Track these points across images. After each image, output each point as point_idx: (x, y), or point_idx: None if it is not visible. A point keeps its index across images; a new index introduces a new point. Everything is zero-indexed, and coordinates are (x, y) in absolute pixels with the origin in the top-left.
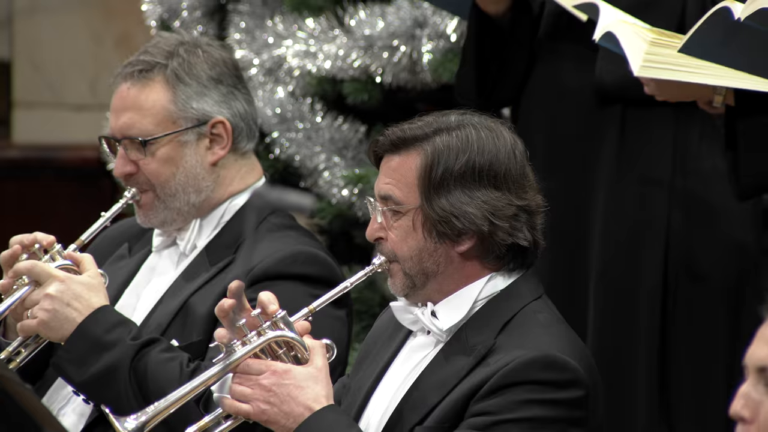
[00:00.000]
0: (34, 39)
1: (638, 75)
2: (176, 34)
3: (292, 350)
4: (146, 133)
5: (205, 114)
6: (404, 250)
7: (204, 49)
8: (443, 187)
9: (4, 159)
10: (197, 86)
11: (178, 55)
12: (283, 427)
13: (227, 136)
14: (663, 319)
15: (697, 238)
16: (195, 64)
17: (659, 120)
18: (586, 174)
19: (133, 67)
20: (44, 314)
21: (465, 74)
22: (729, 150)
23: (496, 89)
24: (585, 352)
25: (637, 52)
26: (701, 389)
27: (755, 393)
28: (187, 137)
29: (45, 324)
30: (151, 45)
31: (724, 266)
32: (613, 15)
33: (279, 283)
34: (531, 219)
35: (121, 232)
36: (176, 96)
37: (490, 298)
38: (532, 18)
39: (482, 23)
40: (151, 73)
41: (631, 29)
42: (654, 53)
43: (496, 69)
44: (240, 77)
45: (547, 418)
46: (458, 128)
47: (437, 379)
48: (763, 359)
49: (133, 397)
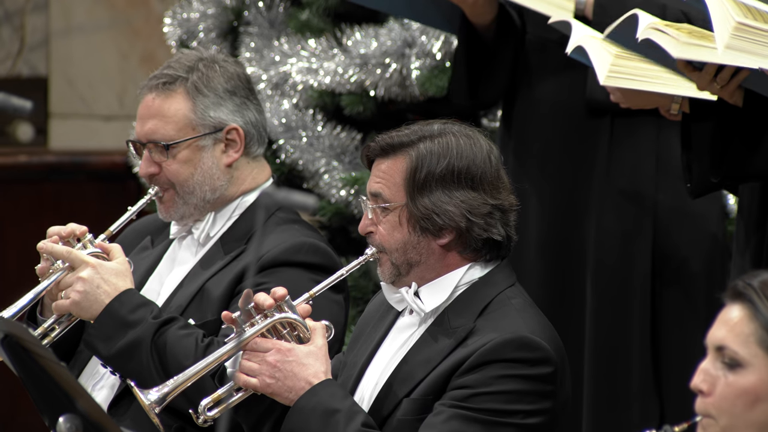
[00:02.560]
0: (68, 57)
1: (604, 84)
2: (196, 51)
3: (295, 330)
4: (169, 138)
5: (221, 122)
6: (391, 242)
7: (220, 64)
8: (426, 187)
9: (42, 163)
10: (214, 97)
11: (197, 70)
12: (286, 398)
13: (240, 141)
14: (653, 303)
15: (678, 232)
16: (212, 78)
17: (644, 129)
18: (580, 178)
19: (158, 80)
20: (77, 295)
21: (457, 80)
22: (684, 152)
23: (486, 91)
24: (554, 334)
25: (603, 64)
26: (687, 362)
27: (713, 369)
28: (205, 142)
29: (77, 304)
30: (174, 60)
31: (701, 254)
32: (584, 31)
33: (285, 270)
34: (504, 216)
35: (144, 226)
36: (196, 106)
37: (469, 285)
38: (515, 30)
39: (470, 34)
40: (173, 86)
41: (599, 44)
42: (619, 65)
43: (484, 74)
44: (252, 89)
45: (520, 391)
46: (440, 136)
47: (423, 357)
48: (720, 339)
49: (154, 369)
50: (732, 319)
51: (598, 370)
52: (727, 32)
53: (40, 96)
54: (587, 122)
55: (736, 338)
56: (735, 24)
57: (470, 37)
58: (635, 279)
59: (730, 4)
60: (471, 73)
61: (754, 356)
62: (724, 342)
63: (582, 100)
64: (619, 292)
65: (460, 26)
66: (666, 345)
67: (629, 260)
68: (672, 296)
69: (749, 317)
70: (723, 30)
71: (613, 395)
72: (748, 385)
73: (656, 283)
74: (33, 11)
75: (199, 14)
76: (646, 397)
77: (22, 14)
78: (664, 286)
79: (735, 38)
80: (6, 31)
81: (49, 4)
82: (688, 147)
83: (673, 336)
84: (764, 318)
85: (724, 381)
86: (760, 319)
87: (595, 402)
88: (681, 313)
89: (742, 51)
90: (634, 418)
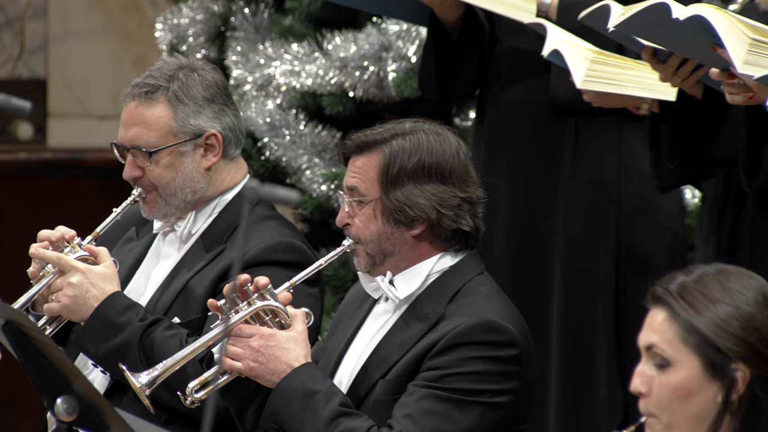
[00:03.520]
0: (66, 60)
1: (581, 87)
2: (176, 59)
3: (277, 317)
4: (151, 145)
5: (200, 128)
6: (367, 234)
7: (199, 72)
8: (398, 182)
9: (41, 160)
10: (194, 105)
11: (177, 79)
12: (269, 381)
13: (219, 145)
14: (617, 295)
15: (640, 228)
16: (191, 87)
17: (607, 130)
18: (547, 175)
19: (140, 88)
20: (67, 299)
21: (426, 73)
22: (652, 150)
23: (454, 86)
24: (520, 319)
25: (580, 68)
26: None
27: (648, 371)
28: (186, 148)
29: (67, 308)
30: (155, 69)
31: (662, 249)
32: (559, 35)
33: (263, 268)
34: (473, 208)
35: (129, 217)
36: (176, 114)
37: (440, 273)
38: (482, 30)
39: (438, 30)
40: (155, 95)
41: (575, 48)
42: (594, 69)
43: (451, 69)
44: (229, 95)
45: (488, 371)
46: (411, 133)
47: (397, 341)
48: (648, 342)
49: (142, 369)
50: (656, 321)
51: (565, 353)
52: (744, 48)
53: (39, 97)
54: (554, 123)
55: (662, 339)
56: (750, 41)
57: (438, 32)
58: (600, 272)
59: (738, 23)
60: (439, 68)
61: (680, 354)
62: (652, 344)
63: (546, 101)
64: (584, 284)
65: (430, 22)
66: (629, 331)
67: (594, 254)
68: (635, 288)
69: (670, 319)
70: (739, 46)
71: (580, 378)
72: (679, 382)
73: (620, 276)
74: (32, 17)
75: (189, 20)
76: (610, 378)
77: (22, 20)
78: (627, 279)
79: (750, 54)
80: (7, 36)
81: (47, 10)
82: (657, 144)
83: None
84: (683, 319)
85: (658, 381)
86: (680, 321)
87: (562, 383)
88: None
89: (755, 65)
90: (598, 398)
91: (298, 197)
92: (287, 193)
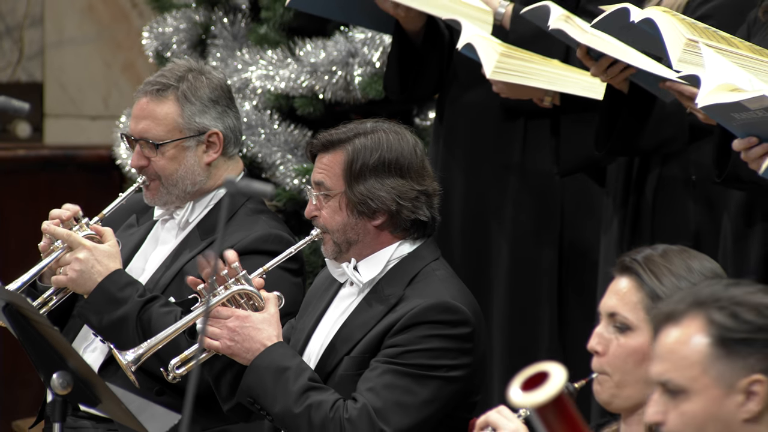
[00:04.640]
0: (61, 65)
1: (490, 78)
2: (186, 62)
3: (251, 300)
4: (159, 138)
5: (204, 126)
6: (333, 224)
7: (207, 75)
8: (361, 176)
9: (38, 156)
10: (200, 105)
11: (187, 80)
12: (244, 359)
13: (219, 143)
14: (559, 279)
15: (582, 221)
16: (199, 88)
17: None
18: (499, 171)
19: (152, 86)
20: (73, 273)
21: (391, 76)
22: (553, 137)
23: (416, 88)
24: (472, 300)
25: (490, 60)
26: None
27: (606, 333)
28: (189, 143)
29: (73, 281)
30: (167, 69)
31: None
32: (473, 30)
33: (254, 257)
34: (429, 200)
35: (131, 205)
36: (184, 112)
37: (399, 259)
38: (442, 38)
39: (402, 38)
40: (165, 92)
41: (487, 42)
42: (503, 62)
43: (413, 72)
44: (232, 99)
45: (443, 348)
46: (372, 132)
47: (361, 321)
48: (612, 307)
49: (139, 341)
50: (621, 289)
51: (511, 330)
52: (680, 48)
53: (37, 99)
54: (505, 123)
55: (626, 306)
56: (686, 40)
57: (402, 40)
58: (545, 258)
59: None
60: (402, 71)
61: (642, 321)
62: (615, 309)
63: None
64: (530, 269)
65: (395, 30)
66: (570, 310)
67: (540, 242)
68: (576, 272)
69: (636, 287)
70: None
71: (523, 352)
72: (637, 345)
73: (563, 262)
74: (30, 26)
75: (173, 29)
76: (552, 352)
77: (20, 28)
78: (570, 264)
79: (686, 53)
80: (7, 43)
81: (44, 20)
82: (557, 133)
83: (576, 303)
84: (649, 288)
85: (616, 342)
86: (646, 289)
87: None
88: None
89: (690, 63)
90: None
91: (273, 190)
92: (263, 187)
